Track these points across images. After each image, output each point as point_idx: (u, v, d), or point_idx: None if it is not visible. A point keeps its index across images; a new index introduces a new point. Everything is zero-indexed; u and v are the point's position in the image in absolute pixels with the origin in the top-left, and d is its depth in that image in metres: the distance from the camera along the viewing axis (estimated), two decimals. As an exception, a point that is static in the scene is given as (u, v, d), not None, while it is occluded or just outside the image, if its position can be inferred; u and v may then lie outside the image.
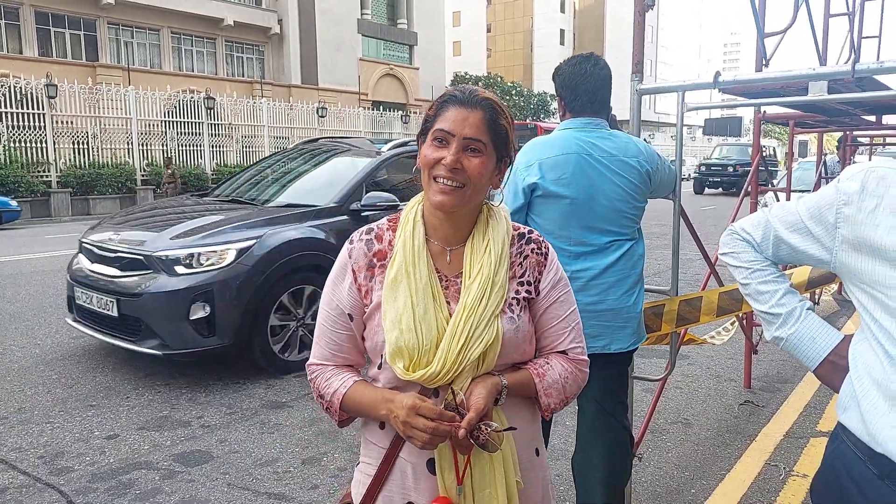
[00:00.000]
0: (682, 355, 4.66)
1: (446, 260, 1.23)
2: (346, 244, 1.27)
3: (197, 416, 3.75)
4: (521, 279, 1.24)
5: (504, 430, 1.15)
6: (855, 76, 2.01)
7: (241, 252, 4.19)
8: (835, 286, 6.38)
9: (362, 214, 4.80)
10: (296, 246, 4.46)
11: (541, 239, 1.30)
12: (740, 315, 3.64)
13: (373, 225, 1.28)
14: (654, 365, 4.55)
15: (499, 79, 42.59)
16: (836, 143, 7.89)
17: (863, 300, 1.13)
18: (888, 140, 8.22)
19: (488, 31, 58.99)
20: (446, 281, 1.22)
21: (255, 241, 4.27)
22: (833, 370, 1.24)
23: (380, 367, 1.22)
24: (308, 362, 1.30)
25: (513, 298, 1.22)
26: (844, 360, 1.20)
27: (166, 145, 18.89)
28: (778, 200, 5.49)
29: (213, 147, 20.16)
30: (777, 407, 3.91)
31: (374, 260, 1.24)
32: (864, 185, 1.11)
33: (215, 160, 20.16)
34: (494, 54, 58.93)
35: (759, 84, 2.60)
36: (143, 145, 18.44)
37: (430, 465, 1.18)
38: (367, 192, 4.88)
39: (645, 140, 2.37)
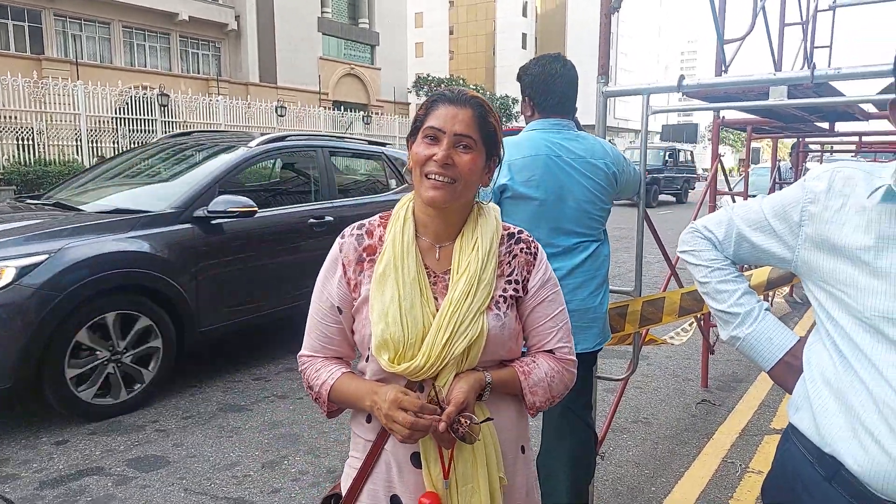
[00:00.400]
0: (642, 356, 4.74)
1: (435, 256, 1.26)
2: (338, 239, 1.31)
3: (151, 421, 3.62)
4: (509, 277, 1.26)
5: (482, 422, 1.16)
6: (813, 81, 2.08)
7: (23, 270, 3.32)
8: (786, 288, 6.61)
9: (211, 222, 4.10)
10: (106, 262, 3.59)
11: (530, 239, 1.32)
12: (699, 316, 3.72)
13: (364, 221, 1.32)
14: (615, 365, 4.61)
15: (461, 81, 42.74)
16: (790, 150, 8.19)
17: (821, 298, 1.15)
18: (837, 148, 8.59)
19: (451, 33, 59.18)
20: (434, 277, 1.24)
21: (46, 256, 3.40)
22: (787, 370, 1.25)
23: (367, 360, 1.24)
24: (299, 354, 1.33)
25: (500, 296, 1.24)
26: (799, 361, 1.22)
27: (117, 142, 18.25)
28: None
29: (167, 145, 19.59)
30: (733, 405, 4.02)
31: (364, 254, 1.27)
32: (831, 184, 1.13)
33: (170, 158, 19.59)
34: (457, 57, 59.16)
35: (722, 88, 2.66)
36: (92, 142, 17.77)
37: (415, 458, 1.19)
38: (219, 195, 4.14)
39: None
